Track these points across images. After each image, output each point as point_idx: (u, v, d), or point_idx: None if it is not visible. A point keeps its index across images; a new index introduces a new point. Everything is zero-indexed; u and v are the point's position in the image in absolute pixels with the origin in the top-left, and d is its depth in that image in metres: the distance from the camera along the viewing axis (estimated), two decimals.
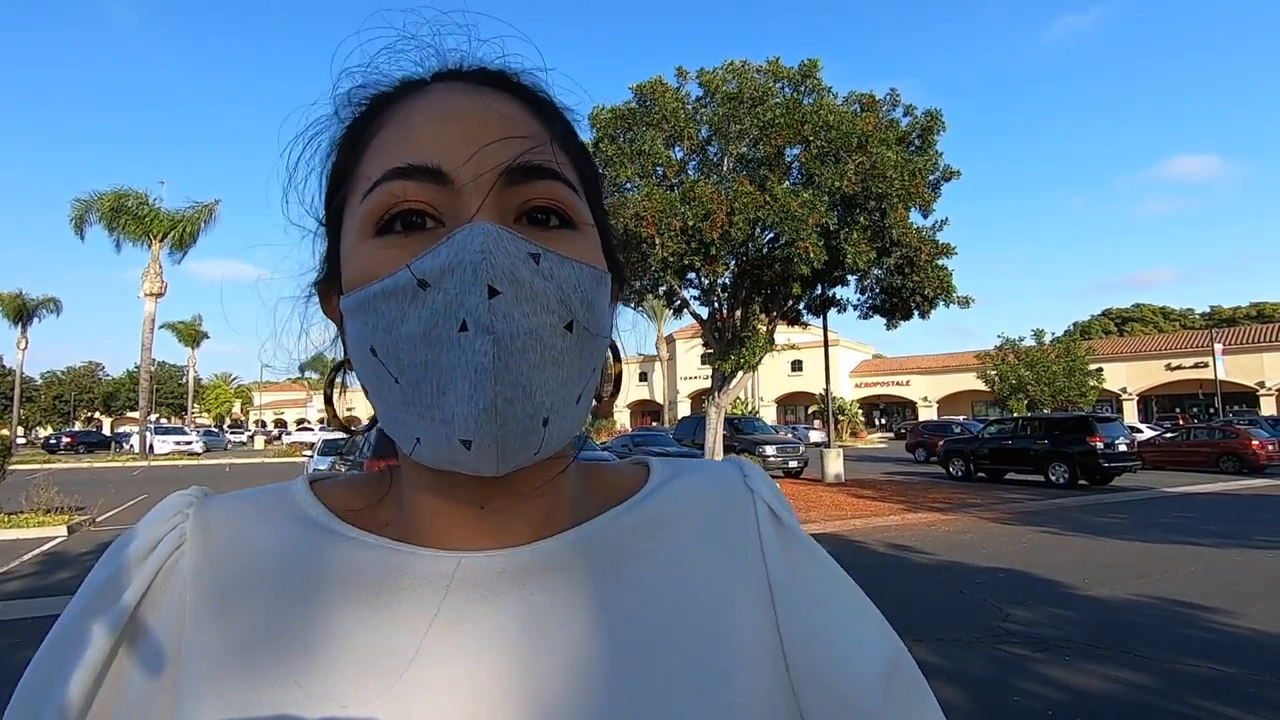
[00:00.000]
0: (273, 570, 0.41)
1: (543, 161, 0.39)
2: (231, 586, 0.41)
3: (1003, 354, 29.73)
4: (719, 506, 0.47)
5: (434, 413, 0.36)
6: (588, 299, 0.39)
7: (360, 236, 0.39)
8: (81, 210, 28.43)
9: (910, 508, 11.97)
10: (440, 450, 0.37)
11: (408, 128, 0.40)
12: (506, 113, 0.40)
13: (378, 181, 0.38)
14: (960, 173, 13.89)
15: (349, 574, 0.41)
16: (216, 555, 0.42)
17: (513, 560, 0.41)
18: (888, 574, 7.10)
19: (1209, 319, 57.69)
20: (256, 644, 0.39)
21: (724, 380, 15.29)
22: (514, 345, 0.35)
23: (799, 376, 48.78)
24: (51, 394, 67.12)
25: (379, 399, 0.40)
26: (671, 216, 12.35)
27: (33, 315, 40.89)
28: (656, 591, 0.42)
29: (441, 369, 0.36)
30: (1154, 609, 5.61)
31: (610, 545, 0.44)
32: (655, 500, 0.47)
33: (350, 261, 0.40)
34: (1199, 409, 38.14)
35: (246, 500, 0.46)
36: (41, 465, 22.72)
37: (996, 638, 4.92)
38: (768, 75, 14.14)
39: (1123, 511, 11.49)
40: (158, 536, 0.43)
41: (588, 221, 0.42)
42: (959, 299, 13.93)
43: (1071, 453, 15.26)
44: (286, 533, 0.43)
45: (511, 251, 0.36)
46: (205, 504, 0.45)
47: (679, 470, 0.50)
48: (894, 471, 20.33)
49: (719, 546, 0.45)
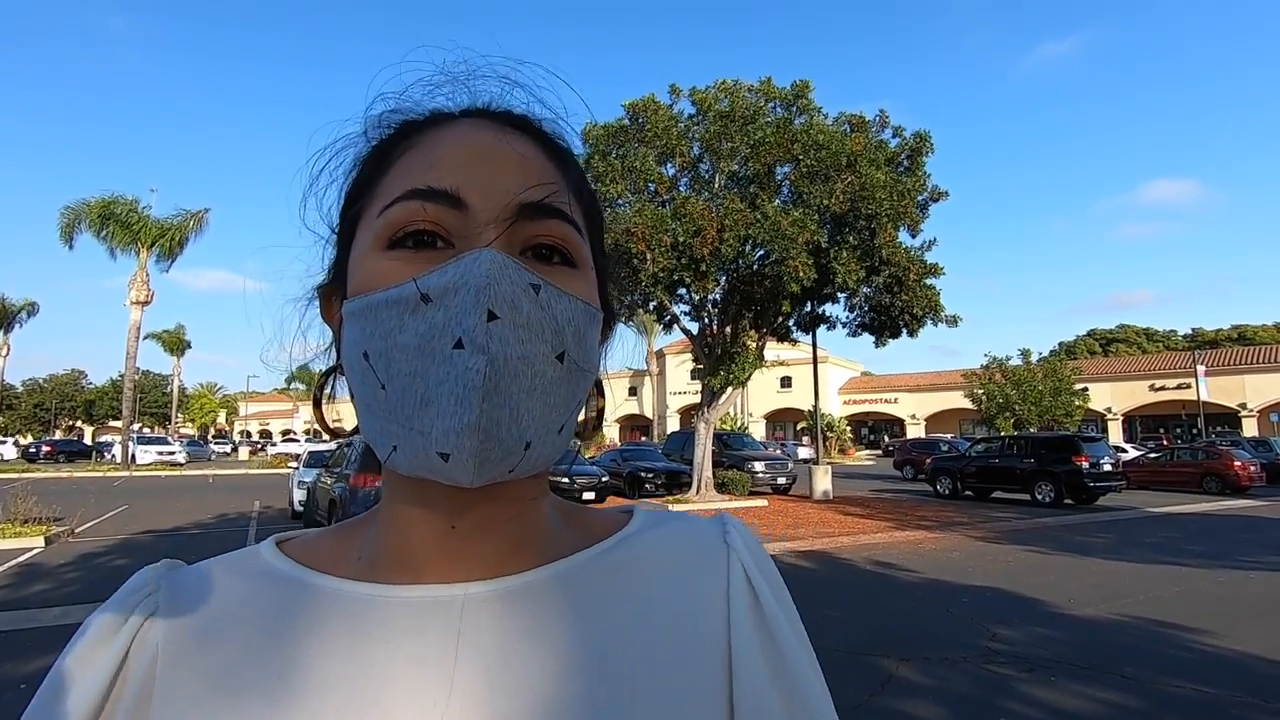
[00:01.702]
0: (237, 626, 0.42)
1: (556, 203, 0.41)
2: (198, 650, 0.41)
3: (990, 373, 29.98)
4: (695, 559, 0.47)
5: (413, 423, 0.37)
6: (580, 333, 0.41)
7: (372, 247, 0.41)
8: (71, 218, 28.17)
9: (897, 525, 11.97)
10: (416, 459, 0.38)
11: (431, 153, 0.42)
12: (527, 154, 0.43)
13: (397, 199, 0.40)
14: (948, 194, 14.08)
15: (314, 620, 0.41)
16: (185, 622, 0.43)
17: (483, 593, 0.42)
18: (874, 592, 7.09)
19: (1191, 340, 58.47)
20: (222, 705, 0.39)
21: (713, 396, 15.31)
22: (506, 368, 0.36)
23: (788, 393, 48.90)
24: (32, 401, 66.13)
25: (363, 405, 0.41)
26: (662, 232, 12.43)
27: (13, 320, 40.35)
28: (624, 635, 0.42)
29: (429, 382, 0.37)
30: (1139, 629, 5.63)
31: (583, 583, 0.44)
32: (632, 544, 0.47)
33: (359, 269, 0.42)
34: (1182, 429, 38.53)
35: (214, 565, 0.47)
36: (20, 474, 22.33)
37: (982, 657, 4.91)
38: (760, 95, 14.32)
39: (1108, 531, 11.55)
40: (128, 609, 0.43)
41: (588, 263, 0.44)
42: (947, 318, 14.07)
43: (1057, 472, 15.35)
44: (252, 588, 0.44)
45: (515, 280, 0.38)
46: (175, 575, 0.46)
47: (662, 520, 0.50)
48: (882, 489, 20.37)
49: (689, 599, 0.45)
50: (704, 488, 15.29)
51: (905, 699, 4.13)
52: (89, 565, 8.21)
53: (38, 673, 4.57)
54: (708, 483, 15.36)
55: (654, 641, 0.43)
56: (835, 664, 4.73)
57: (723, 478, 16.33)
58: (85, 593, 6.73)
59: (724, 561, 0.47)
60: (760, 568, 0.48)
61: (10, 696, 4.08)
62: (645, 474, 16.14)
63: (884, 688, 4.31)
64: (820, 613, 6.04)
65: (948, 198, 14.12)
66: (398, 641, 0.40)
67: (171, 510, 14.15)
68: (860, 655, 4.92)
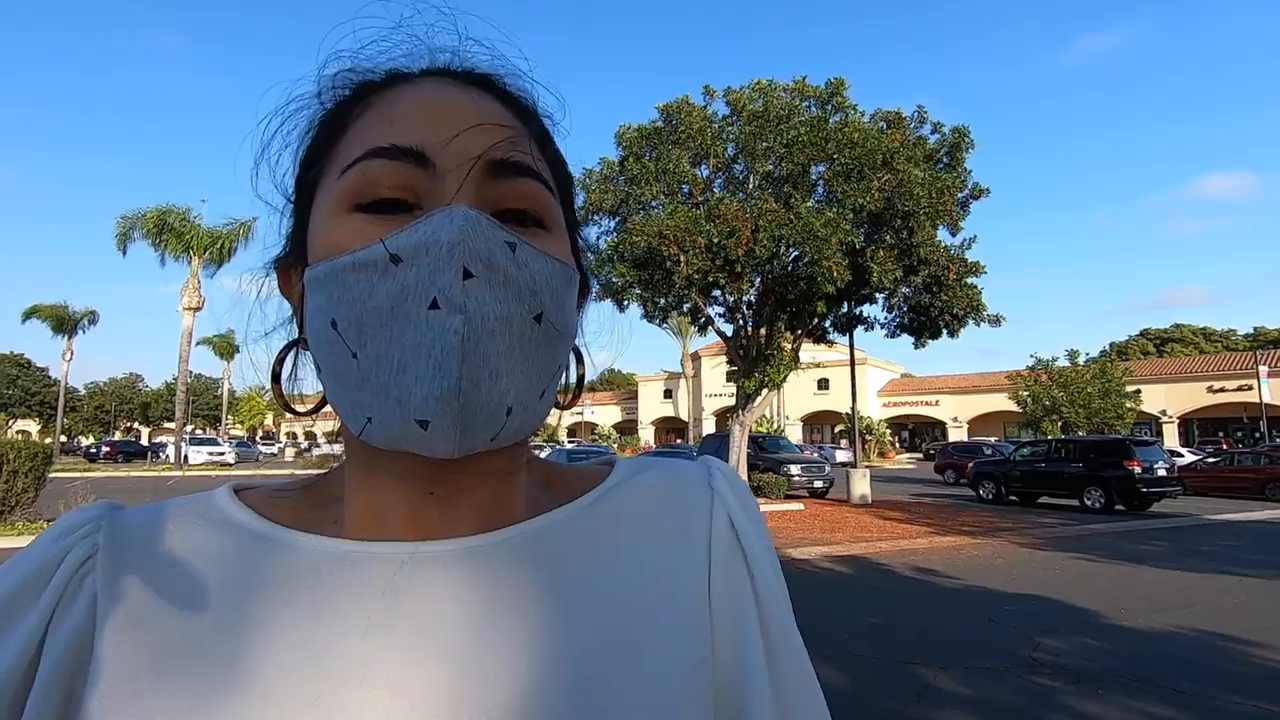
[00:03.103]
0: (195, 581, 0.39)
1: (524, 159, 0.40)
2: (146, 602, 0.38)
3: (1035, 374, 29.11)
4: (676, 506, 0.46)
5: (389, 390, 0.35)
6: (558, 294, 0.39)
7: (334, 211, 0.39)
8: (126, 227, 29.43)
9: (938, 530, 11.70)
10: (394, 429, 0.36)
11: (391, 112, 0.40)
12: (492, 109, 0.41)
13: (358, 159, 0.38)
14: (989, 190, 13.74)
15: (280, 579, 0.39)
16: (131, 569, 0.39)
17: (460, 549, 0.40)
18: (913, 598, 6.93)
19: (1253, 340, 55.84)
20: (171, 663, 0.36)
21: (748, 398, 15.19)
22: (484, 328, 0.35)
23: (825, 395, 48.25)
24: (94, 404, 69.17)
25: (332, 376, 0.39)
26: (696, 234, 12.39)
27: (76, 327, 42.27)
28: (601, 591, 0.41)
29: (405, 346, 0.35)
30: (1194, 641, 5.38)
31: (559, 540, 0.43)
32: (610, 497, 0.46)
33: (320, 234, 0.39)
34: (1243, 433, 36.83)
35: (164, 511, 0.43)
36: (81, 473, 23.41)
37: (1026, 668, 4.75)
38: (794, 94, 14.18)
39: (1162, 539, 11.09)
40: (63, 550, 0.40)
41: (560, 224, 0.43)
42: (989, 318, 13.72)
43: (1108, 477, 14.81)
44: (211, 540, 0.41)
45: (489, 237, 0.36)
46: (117, 516, 0.43)
47: (643, 468, 0.49)
48: (922, 493, 19.92)
49: (669, 548, 0.44)
50: None
51: (944, 709, 4.02)
52: None
53: None
54: None
55: (630, 598, 0.41)
56: (871, 671, 4.64)
57: (758, 480, 16.19)
58: None
59: (707, 506, 0.46)
60: (746, 511, 0.46)
61: None
62: None
63: (921, 697, 4.21)
64: (857, 619, 5.92)
65: (989, 195, 13.77)
66: (368, 606, 0.38)
67: None
68: (898, 663, 4.81)
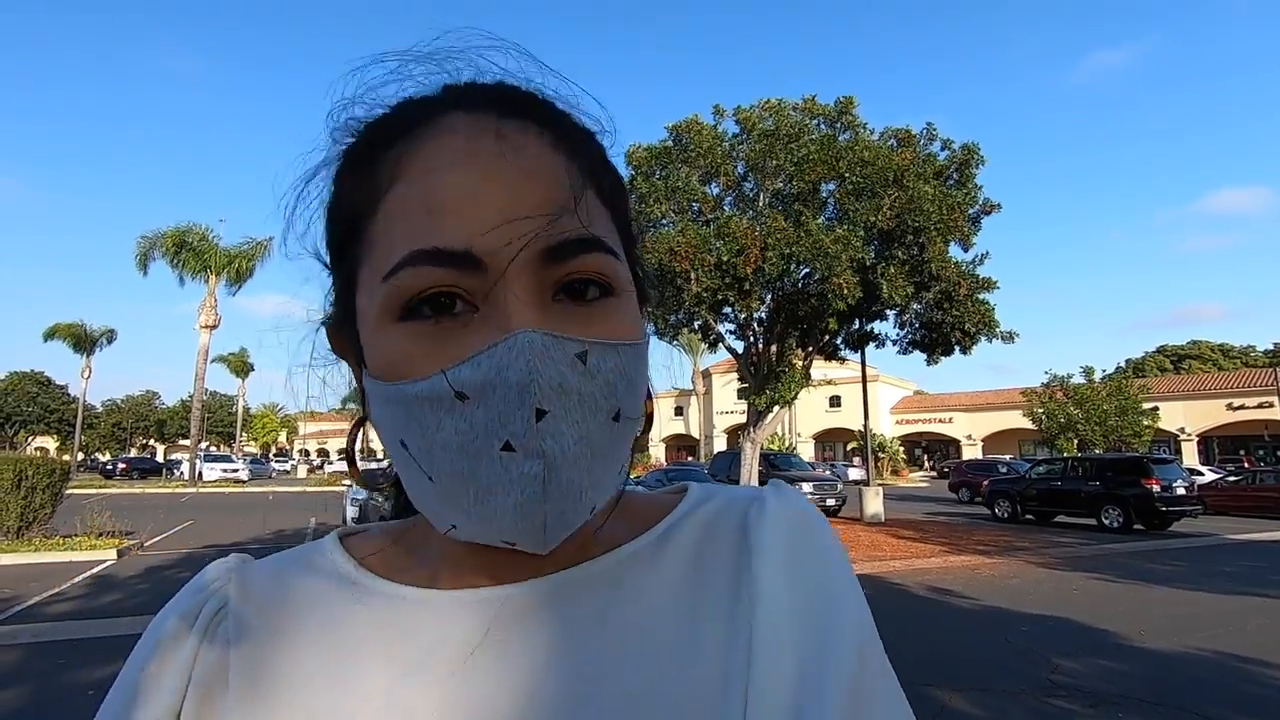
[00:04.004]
0: (298, 627, 0.42)
1: (583, 235, 0.36)
2: (265, 648, 0.41)
3: (1050, 391, 28.79)
4: (710, 552, 0.43)
5: (472, 514, 0.36)
6: (631, 381, 0.37)
7: (382, 319, 0.36)
8: (146, 247, 29.97)
9: (953, 549, 11.54)
10: (481, 539, 0.37)
11: (428, 191, 0.35)
12: (538, 164, 0.36)
13: (401, 263, 0.35)
14: (1000, 206, 13.71)
15: (364, 626, 0.41)
16: (254, 617, 0.42)
17: (533, 594, 0.40)
18: (927, 618, 6.83)
19: (1273, 356, 54.99)
20: (279, 705, 0.39)
21: (759, 415, 15.13)
22: (564, 461, 0.34)
23: (837, 412, 47.94)
24: (111, 421, 69.92)
25: (410, 486, 0.39)
26: (706, 252, 12.44)
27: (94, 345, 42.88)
28: (636, 636, 0.39)
29: (481, 483, 0.34)
30: (1216, 664, 5.26)
31: (610, 582, 0.41)
32: (674, 531, 0.44)
33: (374, 346, 0.37)
34: (1265, 451, 36.17)
35: (280, 562, 0.46)
36: (97, 490, 23.62)
37: (1043, 690, 4.67)
38: (804, 113, 14.28)
39: (1182, 559, 10.88)
40: (201, 601, 0.43)
41: (628, 285, 0.39)
42: (1002, 334, 13.63)
43: (1126, 495, 14.58)
44: (314, 587, 0.43)
45: (558, 359, 0.33)
46: (243, 569, 0.46)
47: (709, 495, 0.46)
48: (936, 512, 19.68)
49: (709, 585, 0.41)
50: None
51: None
52: (156, 578, 8.59)
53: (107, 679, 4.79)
54: None
55: (665, 642, 0.39)
56: None
57: None
58: (152, 604, 7.02)
59: (735, 557, 0.42)
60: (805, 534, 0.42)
61: (81, 703, 4.27)
62: None
63: (937, 719, 4.14)
64: None
65: (1000, 210, 13.75)
66: (443, 649, 0.39)
67: (233, 526, 14.68)
68: (911, 685, 4.72)
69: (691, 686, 0.37)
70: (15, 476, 10.39)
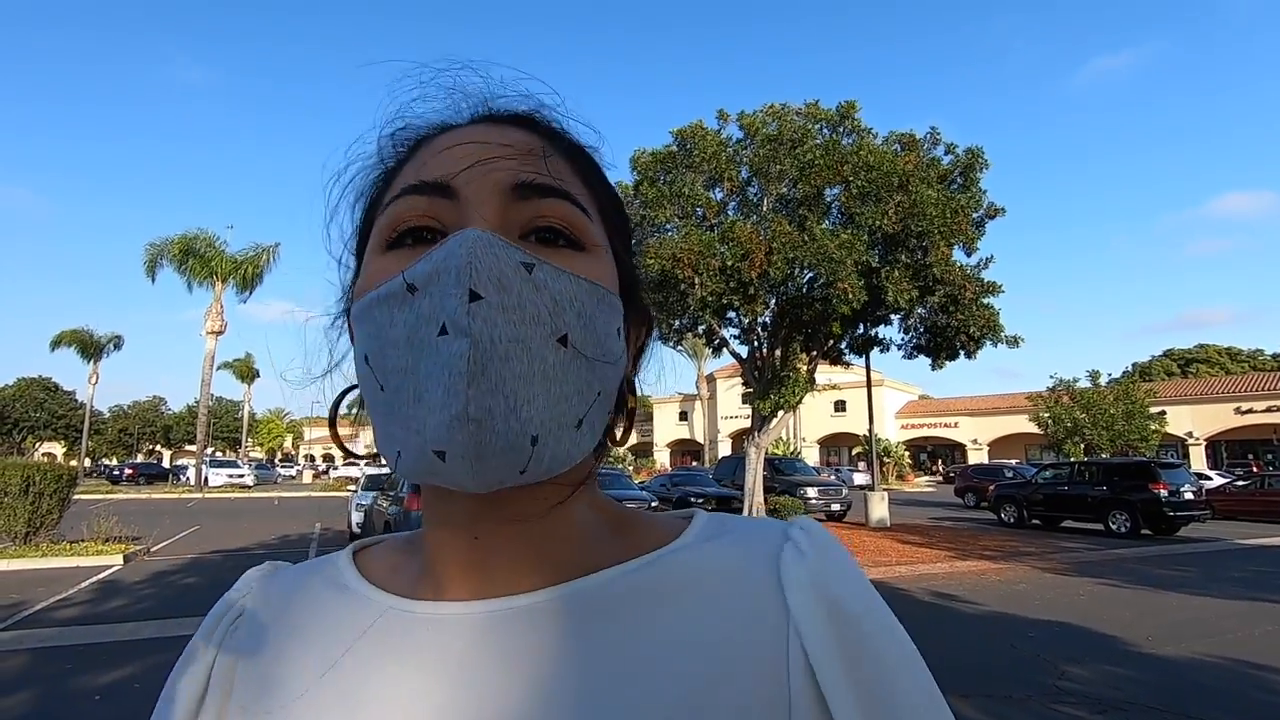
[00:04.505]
0: (295, 636, 0.44)
1: (547, 180, 0.39)
2: (264, 656, 0.44)
3: (1056, 396, 28.68)
4: (738, 597, 0.39)
5: (410, 422, 0.35)
6: (587, 316, 0.38)
7: (372, 252, 0.41)
8: (154, 254, 30.15)
9: (959, 555, 11.48)
10: (417, 461, 0.35)
11: (427, 155, 0.42)
12: (523, 140, 0.41)
13: (392, 199, 0.40)
14: (1004, 210, 13.69)
15: (354, 636, 0.42)
16: (263, 627, 0.46)
17: (508, 611, 0.40)
18: (933, 624, 6.80)
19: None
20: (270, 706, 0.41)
21: (764, 420, 15.11)
22: (494, 350, 0.34)
23: (842, 417, 47.82)
24: (118, 427, 70.23)
25: (371, 412, 0.40)
26: (710, 256, 12.45)
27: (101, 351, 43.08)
28: (649, 659, 0.37)
29: (419, 375, 0.35)
30: (1225, 670, 5.22)
31: (593, 610, 0.39)
32: (674, 562, 0.41)
33: (362, 276, 0.41)
34: (1274, 455, 35.92)
35: (300, 570, 0.49)
36: (104, 495, 23.69)
37: (1050, 696, 4.64)
38: (807, 117, 14.30)
39: (1190, 564, 10.81)
40: (231, 602, 0.48)
41: (599, 244, 0.41)
42: (1007, 338, 13.58)
43: (1133, 500, 14.49)
44: (320, 598, 0.46)
45: (501, 257, 0.35)
46: (269, 579, 0.49)
47: (722, 529, 0.43)
48: (942, 517, 19.60)
49: (732, 634, 0.38)
50: (755, 514, 15.05)
51: None
52: (162, 583, 8.62)
53: (113, 684, 4.79)
54: (759, 508, 15.11)
55: (667, 690, 0.36)
56: None
57: (774, 503, 16.04)
58: (157, 609, 7.06)
59: (777, 600, 0.39)
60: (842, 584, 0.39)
61: (87, 708, 4.27)
62: (695, 499, 16.02)
63: None
64: None
65: (1004, 214, 13.72)
66: (410, 659, 0.40)
67: (239, 531, 14.72)
68: None
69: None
70: (23, 482, 10.44)
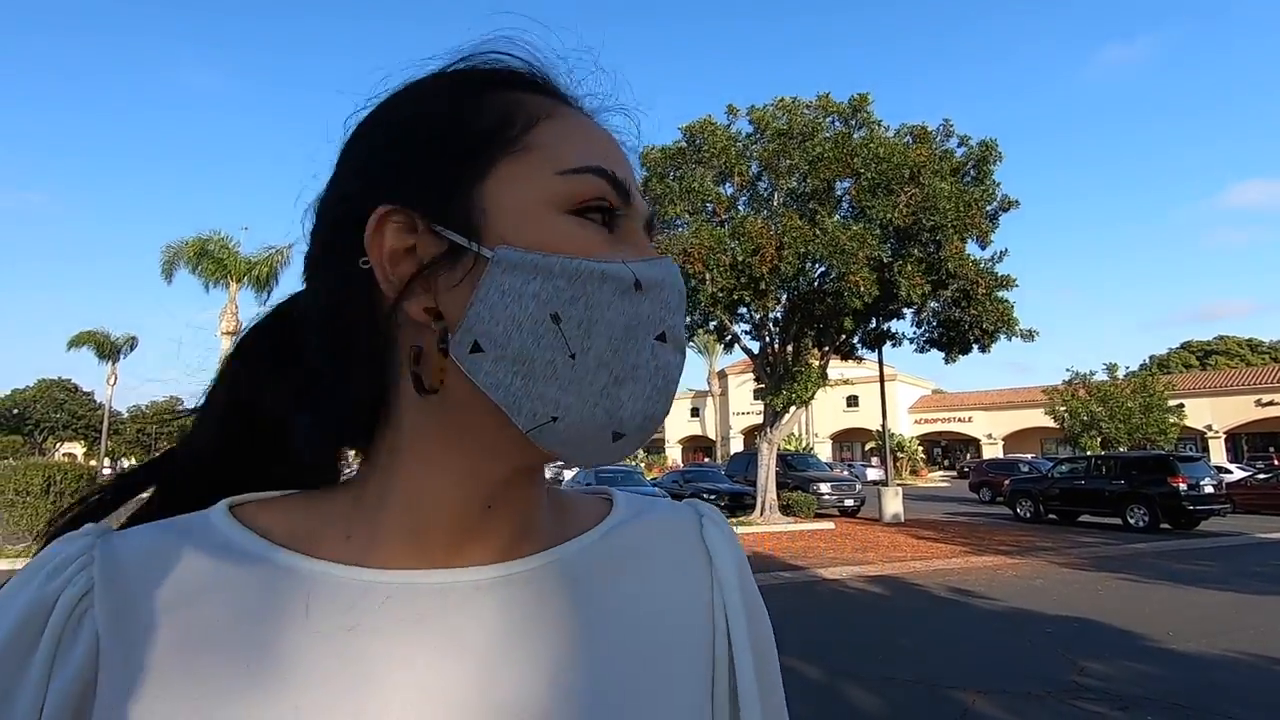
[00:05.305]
0: (198, 614, 0.36)
1: (651, 220, 0.45)
2: (149, 641, 0.35)
3: (1073, 389, 28.36)
4: (678, 555, 0.49)
5: (599, 400, 0.37)
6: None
7: (546, 207, 0.38)
8: (171, 256, 30.52)
9: (974, 550, 11.41)
10: (585, 432, 0.37)
11: (587, 134, 0.42)
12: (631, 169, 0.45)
13: (582, 168, 0.39)
14: (1019, 203, 13.57)
15: (295, 610, 0.37)
16: (132, 605, 0.36)
17: (489, 579, 0.40)
18: (949, 619, 6.76)
19: None
20: (182, 705, 0.34)
21: (776, 416, 15.07)
22: (678, 372, 0.41)
23: (855, 412, 47.57)
24: (135, 427, 71.14)
25: (516, 365, 0.36)
26: (721, 252, 12.42)
27: (118, 352, 43.64)
28: (623, 615, 0.44)
29: (627, 366, 0.38)
30: (1249, 666, 5.15)
31: (581, 573, 0.44)
32: (622, 534, 0.48)
33: (531, 225, 0.38)
34: None
35: (159, 535, 0.39)
36: None
37: (1068, 692, 4.59)
38: (818, 111, 14.22)
39: (1210, 558, 10.68)
40: (58, 589, 0.35)
41: None
42: (1021, 332, 13.46)
43: (1152, 494, 14.32)
44: (212, 565, 0.38)
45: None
46: (109, 544, 0.38)
47: (644, 508, 0.51)
48: (957, 512, 19.46)
49: (679, 588, 0.47)
50: (768, 509, 15.00)
51: None
52: None
53: None
54: (772, 504, 15.07)
55: (643, 638, 0.43)
56: (907, 695, 4.52)
57: (787, 499, 15.99)
58: None
59: (705, 561, 0.49)
60: (739, 567, 0.50)
61: None
62: (707, 496, 15.98)
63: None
64: (891, 641, 5.79)
65: (1019, 207, 13.59)
66: (394, 634, 0.37)
67: None
68: (934, 687, 4.68)
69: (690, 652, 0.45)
70: (45, 482, 10.61)
